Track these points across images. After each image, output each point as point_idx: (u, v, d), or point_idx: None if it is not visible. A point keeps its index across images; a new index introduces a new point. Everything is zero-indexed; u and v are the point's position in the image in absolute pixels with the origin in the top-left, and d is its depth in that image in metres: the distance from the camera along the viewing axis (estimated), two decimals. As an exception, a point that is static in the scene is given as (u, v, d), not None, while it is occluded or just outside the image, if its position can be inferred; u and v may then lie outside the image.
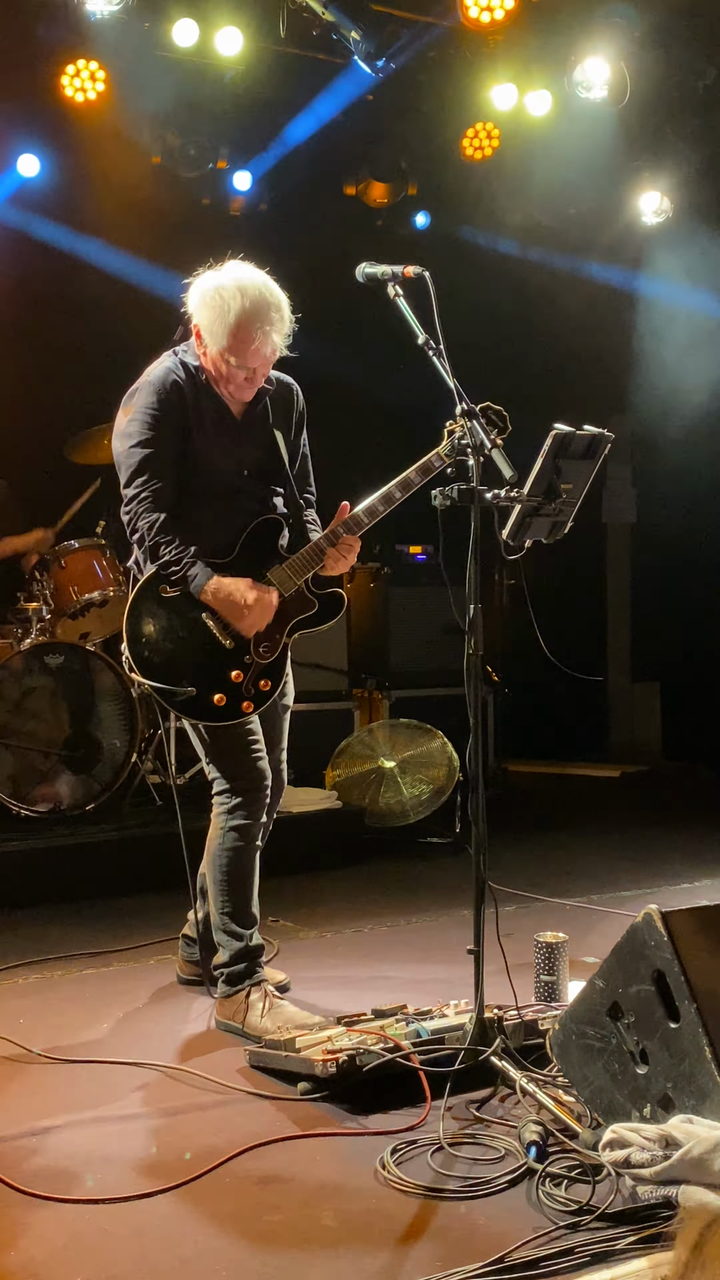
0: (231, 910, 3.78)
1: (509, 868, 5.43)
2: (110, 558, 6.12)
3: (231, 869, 3.79)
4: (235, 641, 3.71)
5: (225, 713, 3.71)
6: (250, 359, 3.68)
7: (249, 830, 3.79)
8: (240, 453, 3.84)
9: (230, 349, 3.66)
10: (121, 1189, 2.74)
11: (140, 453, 3.70)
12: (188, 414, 3.75)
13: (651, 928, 2.76)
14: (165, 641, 3.69)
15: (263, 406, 3.88)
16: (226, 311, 3.63)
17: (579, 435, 3.45)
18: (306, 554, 3.81)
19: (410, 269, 3.54)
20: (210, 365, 3.74)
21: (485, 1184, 2.71)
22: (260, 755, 3.82)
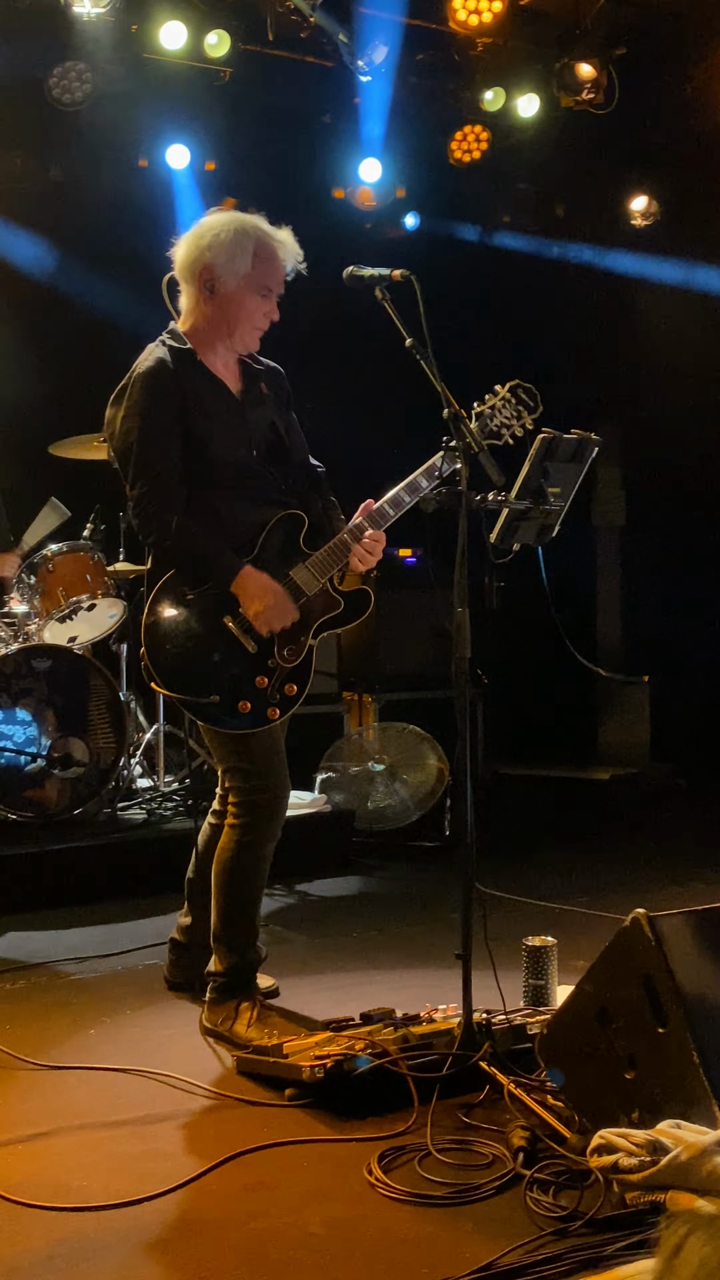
0: (234, 924, 3.73)
1: (498, 871, 5.41)
2: (99, 561, 6.10)
3: (240, 883, 3.72)
4: (259, 646, 3.61)
5: (251, 720, 3.61)
6: (275, 277, 3.64)
7: (262, 848, 3.71)
8: (246, 432, 3.73)
9: (256, 271, 3.61)
10: (108, 1196, 2.73)
11: (141, 448, 3.59)
12: (184, 397, 3.63)
13: (639, 932, 2.75)
14: (186, 648, 3.58)
15: (258, 384, 3.80)
16: (244, 236, 3.62)
17: (566, 439, 3.46)
18: (330, 551, 3.69)
19: (397, 272, 3.52)
20: (227, 312, 3.65)
21: (473, 1190, 2.70)
22: (283, 768, 3.72)
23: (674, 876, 5.56)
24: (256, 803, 3.69)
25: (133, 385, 3.65)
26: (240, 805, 3.71)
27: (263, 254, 3.64)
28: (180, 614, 3.60)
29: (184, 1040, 3.68)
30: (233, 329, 3.70)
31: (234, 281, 3.63)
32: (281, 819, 3.74)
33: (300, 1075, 3.13)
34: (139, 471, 3.59)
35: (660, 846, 6.30)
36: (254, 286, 3.65)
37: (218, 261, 3.63)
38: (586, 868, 5.85)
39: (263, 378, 3.83)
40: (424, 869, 5.92)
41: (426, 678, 7.15)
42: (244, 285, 3.64)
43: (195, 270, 3.68)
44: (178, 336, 3.73)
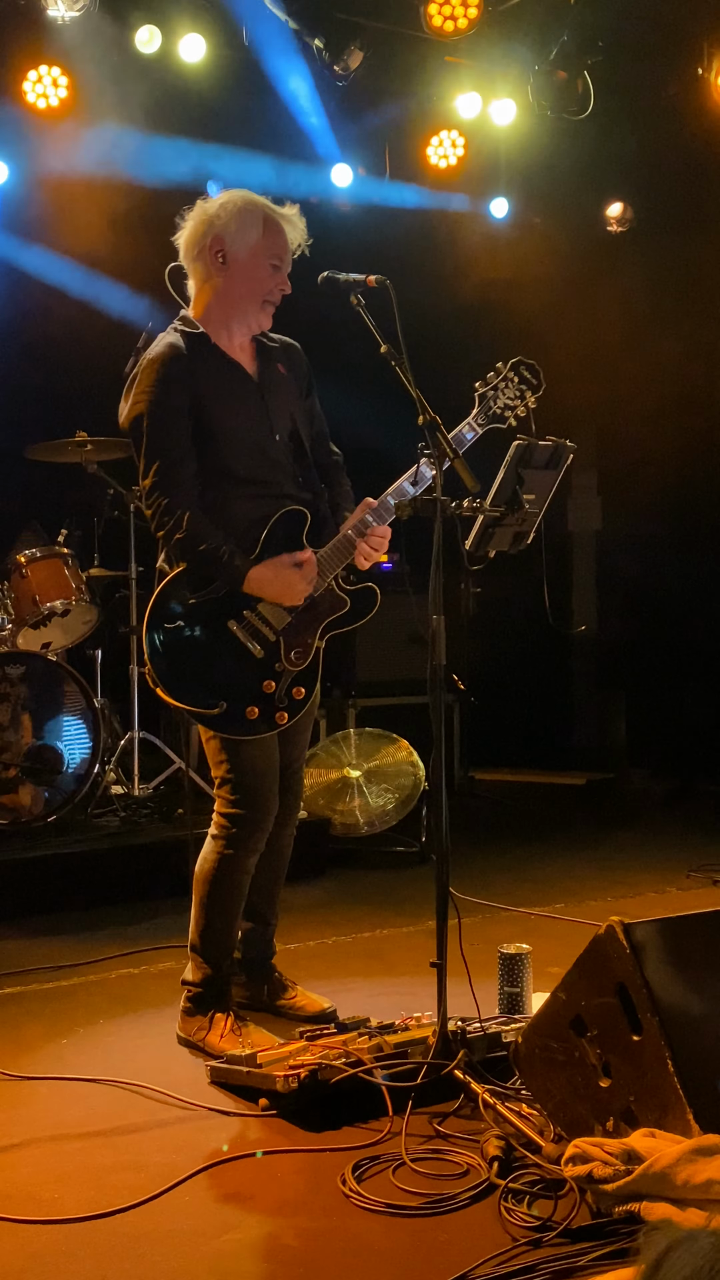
0: (210, 934, 3.70)
1: (474, 877, 5.42)
2: (73, 566, 6.06)
3: (217, 894, 3.68)
4: (265, 650, 3.57)
5: (259, 725, 3.56)
6: (284, 249, 3.61)
7: (243, 862, 3.66)
8: (265, 417, 3.66)
9: (267, 241, 3.59)
10: (81, 1208, 2.70)
11: (152, 437, 3.52)
12: (197, 384, 3.56)
13: (614, 940, 2.74)
14: (190, 655, 3.53)
15: (275, 365, 3.74)
16: (253, 205, 3.60)
17: (541, 446, 3.46)
18: (334, 549, 3.63)
19: (372, 278, 3.50)
20: (237, 284, 3.61)
21: (448, 1200, 2.68)
22: (273, 785, 3.67)
23: (650, 882, 5.57)
24: (240, 817, 3.64)
25: (142, 373, 3.59)
26: (225, 817, 3.67)
27: (271, 225, 3.61)
28: (183, 620, 3.55)
29: (158, 1050, 3.66)
30: (246, 303, 3.64)
31: (245, 251, 3.59)
32: (264, 835, 3.69)
33: (274, 1085, 3.11)
34: (150, 461, 3.53)
35: (636, 852, 6.30)
36: (265, 256, 3.60)
37: (228, 232, 3.59)
38: (562, 874, 5.84)
39: (279, 357, 3.77)
40: (400, 876, 5.91)
41: (403, 684, 7.14)
42: (255, 255, 3.59)
43: (204, 244, 3.63)
44: (189, 322, 3.66)
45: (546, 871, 5.92)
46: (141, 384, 3.57)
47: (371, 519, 3.64)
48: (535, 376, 3.62)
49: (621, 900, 5.26)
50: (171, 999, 3.89)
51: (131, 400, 3.59)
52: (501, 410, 3.62)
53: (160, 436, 3.53)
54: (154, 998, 4.10)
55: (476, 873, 5.59)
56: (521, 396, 3.64)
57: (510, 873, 5.83)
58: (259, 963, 3.94)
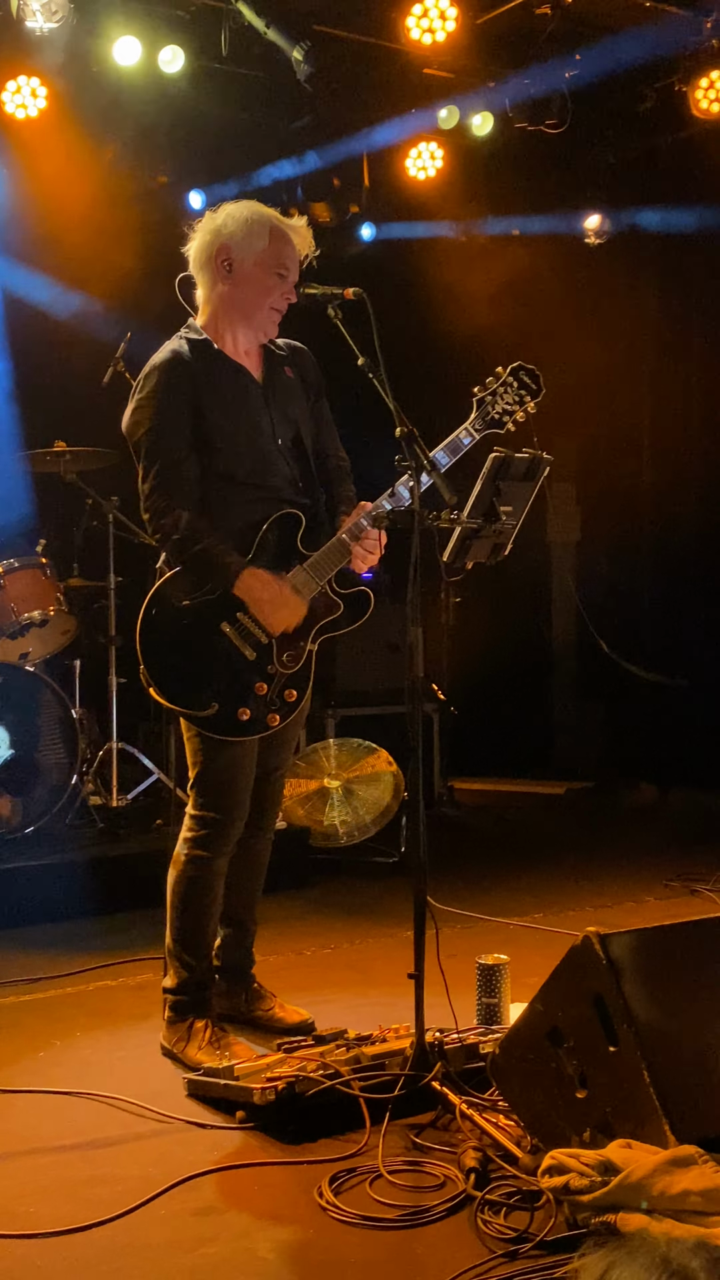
0: (183, 938, 3.70)
1: (453, 887, 5.42)
2: (50, 576, 6.05)
3: (186, 896, 3.69)
4: (258, 652, 3.58)
5: (251, 727, 3.57)
6: (290, 259, 3.62)
7: (210, 864, 3.67)
8: (270, 422, 3.67)
9: (273, 250, 3.60)
10: (56, 1222, 2.69)
11: (152, 442, 3.54)
12: (200, 390, 3.58)
13: (590, 951, 2.75)
14: (183, 656, 3.54)
15: (282, 369, 3.75)
16: (260, 215, 3.62)
17: (518, 458, 3.47)
18: (328, 552, 3.63)
19: (350, 290, 3.51)
20: (244, 293, 3.62)
21: (424, 1212, 2.68)
22: (246, 789, 3.68)
23: (629, 892, 5.57)
24: (210, 820, 3.65)
25: (146, 378, 3.61)
26: (195, 819, 3.69)
27: (278, 235, 3.63)
28: (178, 621, 3.56)
29: (135, 1063, 3.65)
30: (251, 311, 3.65)
31: (251, 260, 3.61)
32: (233, 837, 3.71)
33: (251, 1098, 3.10)
34: (149, 468, 3.56)
35: (615, 862, 6.31)
36: (270, 265, 3.62)
37: (234, 241, 3.62)
38: (541, 884, 5.85)
39: (286, 361, 3.78)
40: (379, 886, 5.90)
41: (382, 694, 7.14)
42: (260, 264, 3.61)
43: (211, 253, 3.65)
44: (194, 329, 3.69)
45: (525, 881, 5.92)
46: (143, 389, 3.60)
47: (366, 523, 3.64)
48: (535, 382, 3.63)
49: (600, 910, 5.27)
50: (150, 1011, 3.89)
51: (133, 405, 3.62)
52: (500, 415, 3.62)
53: (160, 440, 3.55)
54: (132, 1010, 4.09)
55: (455, 883, 5.59)
56: (521, 401, 3.64)
57: (489, 883, 5.83)
58: (238, 970, 3.94)
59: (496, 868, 6.25)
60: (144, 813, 6.15)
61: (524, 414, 3.62)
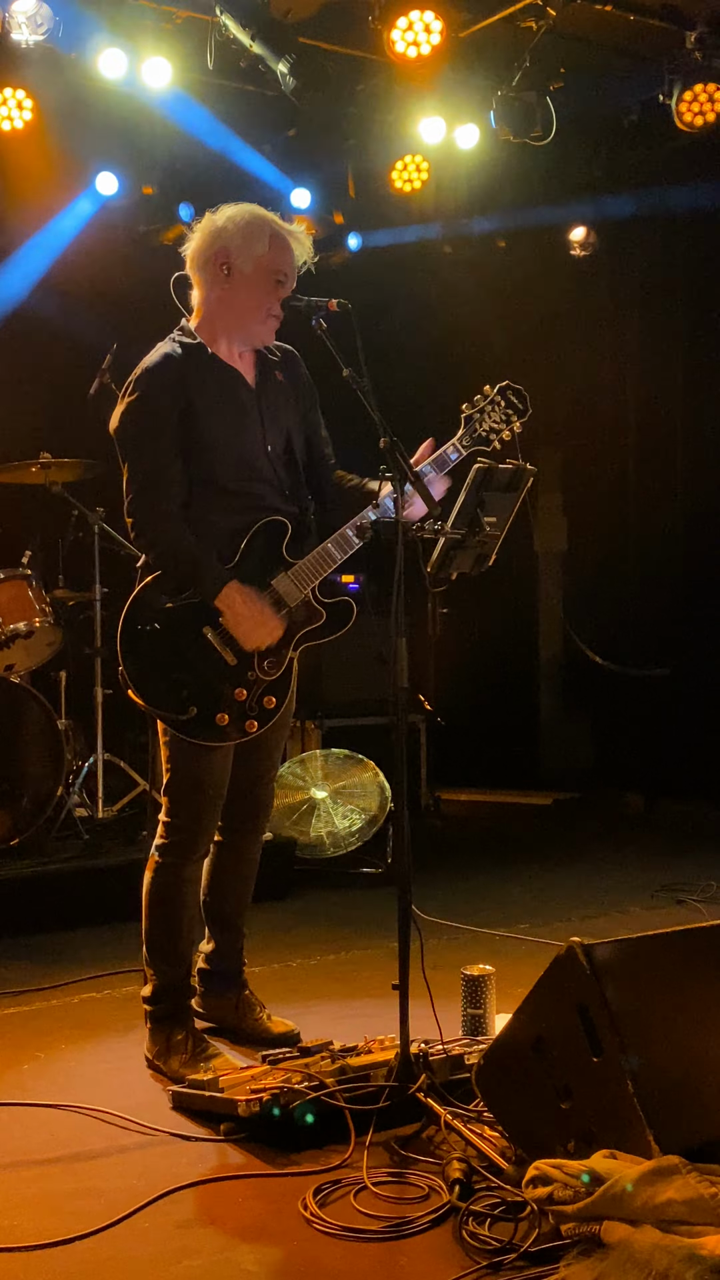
0: (157, 945, 3.70)
1: (440, 898, 5.41)
2: (36, 588, 6.04)
3: (158, 904, 3.69)
4: (238, 658, 3.57)
5: (229, 732, 3.57)
6: (289, 264, 3.62)
7: (181, 871, 3.68)
8: (260, 427, 3.67)
9: (272, 255, 3.60)
10: (39, 1235, 2.68)
11: (138, 446, 3.54)
12: (190, 394, 3.57)
13: (574, 961, 2.74)
14: (163, 660, 3.54)
15: (274, 373, 3.75)
16: (260, 220, 3.62)
17: (501, 469, 3.47)
18: (313, 560, 3.62)
19: (334, 301, 3.51)
20: (240, 297, 3.61)
21: (408, 1224, 2.67)
22: (218, 799, 3.68)
23: (615, 902, 5.58)
24: (181, 826, 3.66)
25: (136, 380, 3.61)
26: (167, 826, 3.69)
27: (278, 240, 3.63)
28: (158, 624, 3.55)
29: (119, 1075, 3.63)
30: (248, 315, 3.64)
31: (250, 264, 3.60)
32: (203, 847, 3.72)
33: (235, 1110, 3.09)
34: (134, 471, 3.56)
35: (602, 872, 6.32)
36: (269, 270, 3.61)
37: (233, 244, 3.61)
38: (528, 894, 5.85)
39: (279, 365, 3.78)
40: (366, 897, 5.90)
41: (369, 705, 7.14)
42: (259, 269, 3.61)
43: (210, 255, 3.64)
44: (187, 332, 3.68)
45: (512, 892, 5.92)
46: (133, 391, 3.60)
47: (353, 534, 3.63)
48: (522, 401, 3.64)
49: (586, 920, 5.27)
50: (135, 1023, 3.87)
51: (121, 407, 3.61)
52: (487, 433, 3.63)
53: (145, 444, 3.55)
54: (117, 1022, 4.08)
55: (441, 894, 5.58)
56: (508, 421, 3.65)
57: (475, 893, 5.83)
58: (231, 975, 3.94)
59: (483, 878, 6.25)
60: (129, 824, 6.13)
61: (510, 433, 3.64)
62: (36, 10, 5.64)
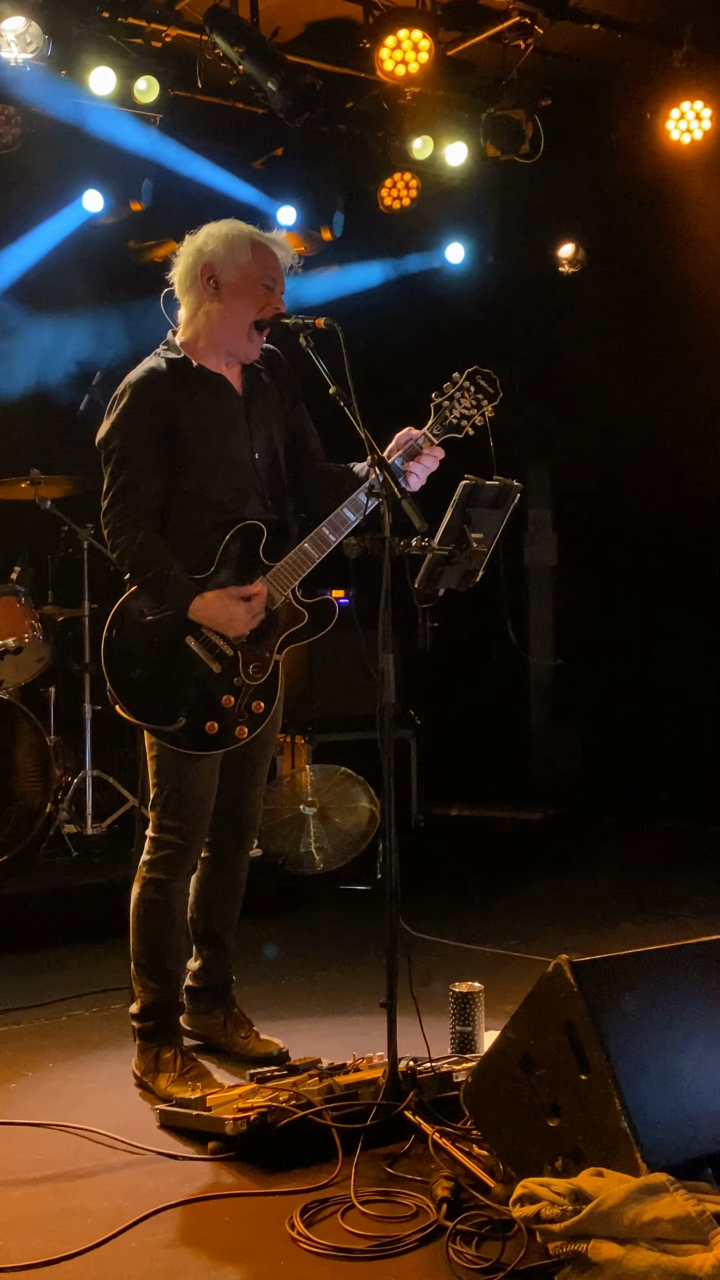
0: (144, 962, 3.70)
1: (429, 913, 5.39)
2: (26, 604, 6.04)
3: (146, 920, 3.69)
4: (223, 665, 3.58)
5: (219, 741, 3.57)
6: (275, 269, 3.64)
7: (168, 887, 3.67)
8: (249, 435, 3.69)
9: (257, 262, 3.62)
10: (26, 1256, 2.67)
11: (119, 459, 3.57)
12: (176, 408, 3.59)
13: (561, 978, 2.74)
14: (149, 672, 3.55)
15: (259, 374, 3.77)
16: (240, 231, 3.66)
17: (488, 485, 3.48)
18: (291, 562, 3.63)
19: (321, 320, 3.53)
20: (228, 307, 3.63)
21: (396, 1243, 2.66)
22: (206, 812, 3.68)
23: (605, 918, 5.57)
24: (169, 843, 3.66)
25: (120, 395, 3.64)
26: (155, 841, 3.69)
27: (260, 248, 3.66)
28: (141, 636, 3.57)
29: (107, 1093, 3.62)
30: (238, 327, 3.65)
31: (235, 274, 3.63)
32: (191, 862, 3.72)
33: (223, 1129, 3.09)
34: (112, 482, 3.59)
35: (591, 888, 6.32)
36: (256, 278, 3.64)
37: (217, 258, 3.64)
38: (517, 910, 5.84)
39: (264, 369, 3.80)
40: (355, 913, 5.89)
41: (359, 720, 7.13)
42: (246, 277, 3.63)
43: (196, 272, 3.67)
44: (173, 346, 3.70)
45: (501, 908, 5.92)
46: (117, 405, 3.63)
47: (329, 532, 3.64)
48: (492, 385, 3.65)
49: (575, 936, 5.26)
50: (122, 1042, 3.87)
51: (108, 421, 3.64)
52: (458, 420, 3.63)
53: (125, 457, 3.58)
54: (105, 1040, 4.07)
55: (431, 910, 5.57)
56: (478, 405, 3.65)
57: (465, 909, 5.82)
58: (219, 990, 3.93)
59: (472, 894, 6.25)
60: (118, 841, 6.13)
61: (482, 418, 3.64)
62: (26, 28, 5.65)
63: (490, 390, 3.64)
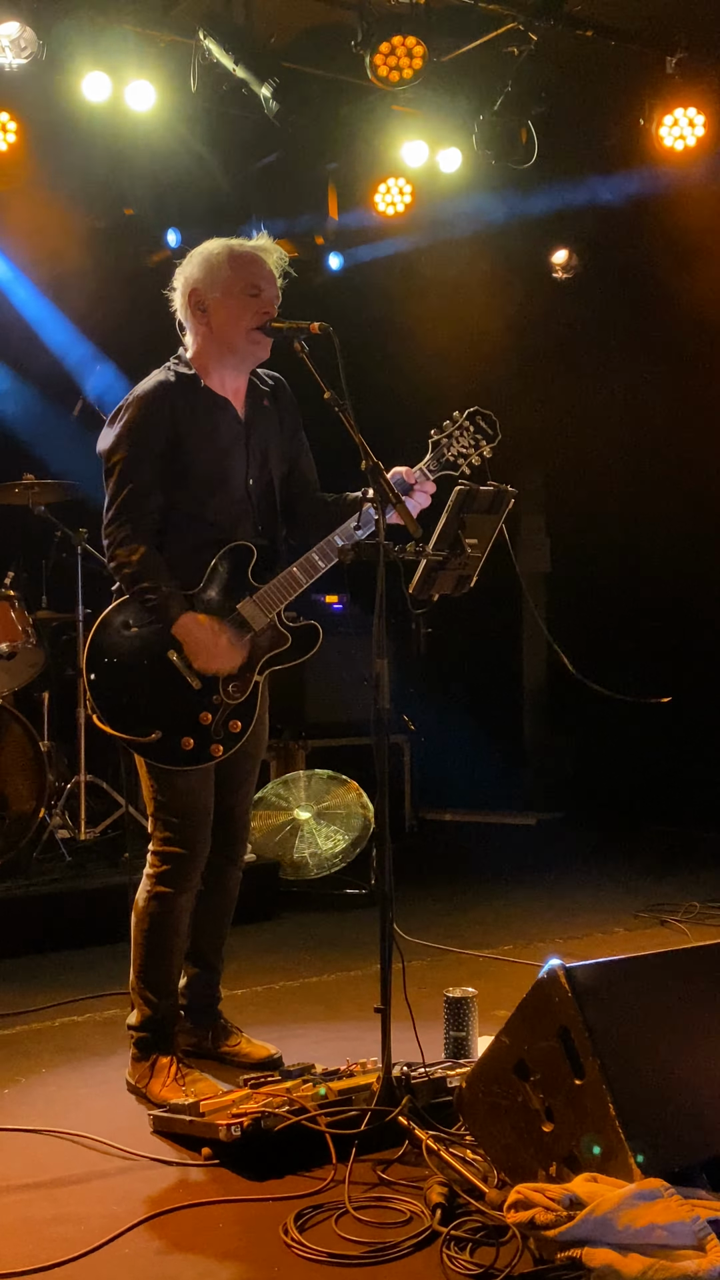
0: (146, 975, 3.68)
1: (423, 919, 5.41)
2: (19, 610, 6.03)
3: (151, 934, 3.67)
4: (203, 682, 3.58)
5: (194, 756, 3.58)
6: (258, 274, 3.64)
7: (174, 900, 3.66)
8: (247, 460, 3.71)
9: (236, 274, 3.62)
10: (18, 1262, 2.66)
11: (123, 472, 3.58)
12: (179, 423, 3.62)
13: (555, 983, 2.74)
14: (129, 682, 3.56)
15: (262, 400, 3.78)
16: (216, 248, 3.67)
17: (482, 490, 3.48)
18: (278, 585, 3.65)
19: (315, 325, 3.53)
20: (221, 324, 3.64)
21: (390, 1249, 2.66)
22: (205, 821, 3.67)
23: (599, 923, 5.58)
24: (172, 855, 3.65)
25: (129, 406, 3.65)
26: (157, 855, 3.68)
27: (238, 259, 3.66)
28: (124, 647, 3.58)
29: (101, 1099, 3.62)
30: (233, 341, 3.66)
31: (218, 291, 3.64)
32: (197, 871, 3.70)
33: (217, 1134, 3.08)
34: (116, 494, 3.60)
35: (585, 893, 6.32)
36: (238, 289, 3.64)
37: (200, 282, 3.66)
38: (511, 915, 5.84)
39: (268, 394, 3.82)
40: (349, 919, 5.88)
41: (353, 725, 7.13)
42: (228, 292, 3.64)
43: (186, 298, 3.70)
44: (184, 361, 3.73)
45: (495, 913, 5.92)
46: (124, 416, 3.64)
47: (318, 558, 3.65)
48: (491, 427, 3.67)
49: (570, 941, 5.27)
50: (116, 1047, 3.86)
51: (113, 432, 3.65)
52: (455, 458, 3.65)
53: (129, 470, 3.59)
54: (98, 1046, 4.06)
55: (425, 915, 5.58)
56: (476, 446, 3.67)
57: (459, 914, 5.82)
58: (205, 1010, 3.91)
59: (466, 899, 6.25)
60: (111, 846, 6.11)
61: (479, 458, 3.66)
62: (20, 33, 5.64)
63: (489, 431, 3.67)
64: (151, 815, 3.70)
